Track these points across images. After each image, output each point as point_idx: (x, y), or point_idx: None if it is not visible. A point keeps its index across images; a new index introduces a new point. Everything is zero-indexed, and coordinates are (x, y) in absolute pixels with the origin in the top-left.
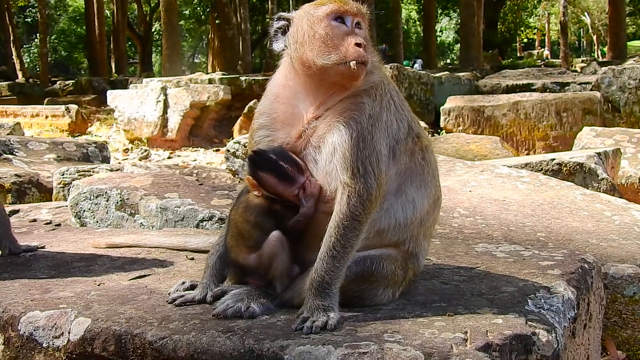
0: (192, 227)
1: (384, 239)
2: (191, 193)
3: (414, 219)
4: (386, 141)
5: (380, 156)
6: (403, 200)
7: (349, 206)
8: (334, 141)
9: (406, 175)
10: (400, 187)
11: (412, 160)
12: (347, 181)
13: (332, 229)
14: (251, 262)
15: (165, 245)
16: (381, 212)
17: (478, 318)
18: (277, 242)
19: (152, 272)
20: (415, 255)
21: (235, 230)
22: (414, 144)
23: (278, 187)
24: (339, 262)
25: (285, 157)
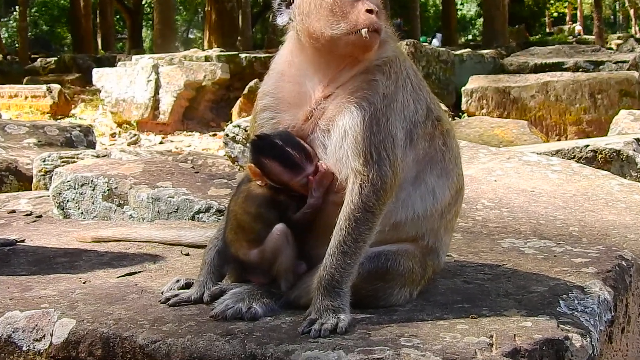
0: (187, 220)
1: (400, 232)
2: (186, 182)
3: (434, 210)
4: (402, 124)
5: (395, 140)
6: (422, 190)
7: (362, 196)
8: (345, 124)
9: (425, 162)
10: (418, 176)
11: (431, 145)
12: (359, 168)
13: (343, 221)
14: (253, 258)
15: (158, 240)
16: (397, 203)
17: (504, 321)
18: (282, 235)
19: (143, 269)
20: (435, 251)
21: (235, 223)
22: (433, 128)
23: (283, 175)
24: (350, 258)
25: (292, 143)
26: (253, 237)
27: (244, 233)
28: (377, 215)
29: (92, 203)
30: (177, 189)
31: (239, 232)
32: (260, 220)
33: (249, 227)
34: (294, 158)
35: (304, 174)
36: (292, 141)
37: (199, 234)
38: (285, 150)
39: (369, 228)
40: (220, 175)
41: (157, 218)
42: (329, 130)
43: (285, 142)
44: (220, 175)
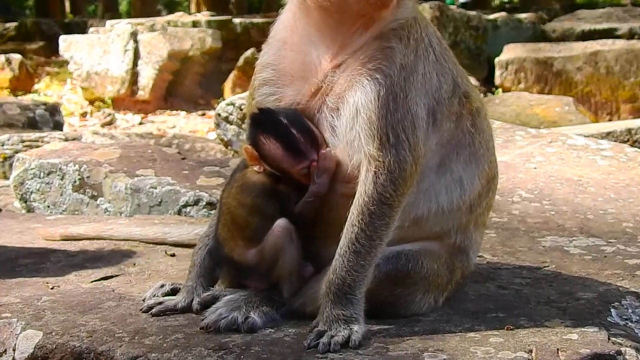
0: (172, 214)
1: (422, 229)
2: (171, 170)
3: (462, 203)
4: (424, 101)
5: (416, 120)
6: (447, 179)
7: (377, 186)
8: (357, 101)
9: (451, 146)
10: (443, 162)
11: (458, 127)
12: (374, 153)
13: (355, 216)
14: (250, 259)
15: (138, 238)
16: (419, 194)
17: (546, 332)
18: (284, 232)
19: (120, 272)
20: (464, 250)
21: (229, 218)
22: (460, 106)
23: (284, 161)
24: (364, 259)
25: (300, 124)
26: (250, 235)
27: (238, 229)
28: (394, 208)
29: (61, 195)
30: (161, 178)
31: (233, 229)
32: (258, 214)
33: (245, 223)
34: (299, 142)
35: (306, 163)
36: (299, 122)
37: (186, 231)
38: (290, 132)
39: (385, 223)
40: (211, 161)
41: (137, 212)
42: (339, 108)
43: (292, 121)
44: (211, 161)
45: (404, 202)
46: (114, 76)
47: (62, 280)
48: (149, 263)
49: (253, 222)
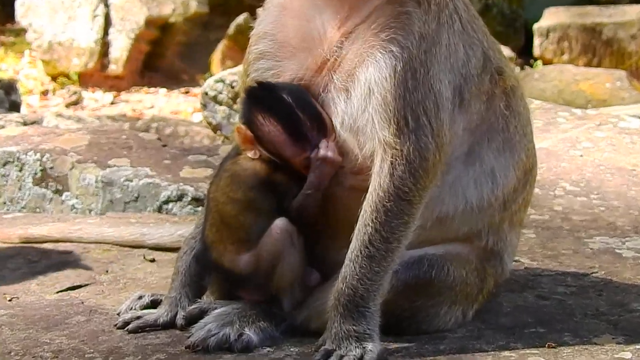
0: (151, 212)
1: (448, 229)
2: (150, 159)
3: (494, 199)
4: (449, 77)
5: (439, 100)
6: (477, 170)
7: (394, 178)
8: (369, 79)
9: (481, 132)
10: (472, 151)
11: (490, 109)
12: (390, 140)
13: (369, 214)
14: (243, 266)
15: (111, 240)
16: (443, 188)
17: (594, 351)
18: (283, 233)
19: (91, 281)
20: (497, 254)
21: (217, 216)
22: (492, 84)
23: (285, 148)
24: (379, 264)
25: (306, 104)
26: (242, 236)
27: (229, 230)
28: (415, 204)
29: (19, 189)
30: (138, 169)
31: (222, 229)
32: (252, 211)
33: (236, 222)
34: (304, 126)
35: (309, 152)
36: (306, 101)
37: (168, 232)
38: (295, 112)
39: (404, 222)
40: (197, 149)
41: (109, 210)
42: (348, 88)
43: (296, 100)
44: (196, 149)
45: (425, 197)
46: (80, 47)
47: (22, 291)
48: (125, 270)
49: (246, 221)
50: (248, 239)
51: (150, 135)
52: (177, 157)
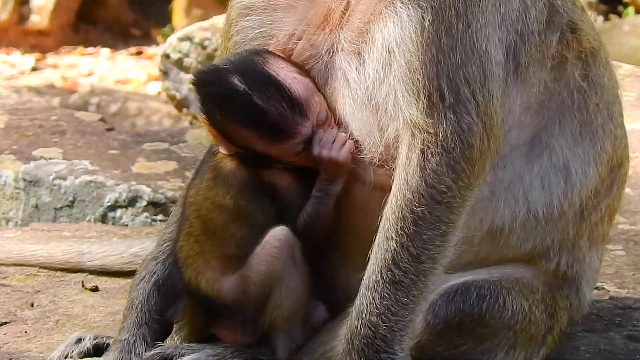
0: (93, 222)
1: (504, 246)
2: (90, 148)
3: (568, 205)
4: (498, 34)
5: (486, 65)
6: (544, 165)
7: (425, 173)
8: (388, 37)
9: (549, 112)
10: (537, 138)
11: (560, 79)
12: (419, 120)
13: (392, 223)
14: (227, 291)
15: (38, 261)
16: (497, 189)
17: None
18: (282, 249)
19: (10, 319)
20: (573, 280)
21: (198, 224)
22: (562, 46)
23: (258, 146)
24: (407, 293)
25: (268, 85)
26: (231, 251)
27: (213, 243)
28: (455, 209)
29: None
30: (73, 163)
31: (204, 241)
32: (243, 221)
33: (223, 232)
34: (275, 115)
35: (298, 138)
36: (267, 81)
37: (116, 251)
38: (254, 103)
39: (441, 234)
40: (155, 134)
41: (34, 219)
42: (360, 50)
43: (254, 83)
44: (154, 134)
45: (470, 199)
46: None
47: None
48: (56, 303)
49: (236, 233)
50: (236, 255)
51: (89, 115)
52: (128, 146)
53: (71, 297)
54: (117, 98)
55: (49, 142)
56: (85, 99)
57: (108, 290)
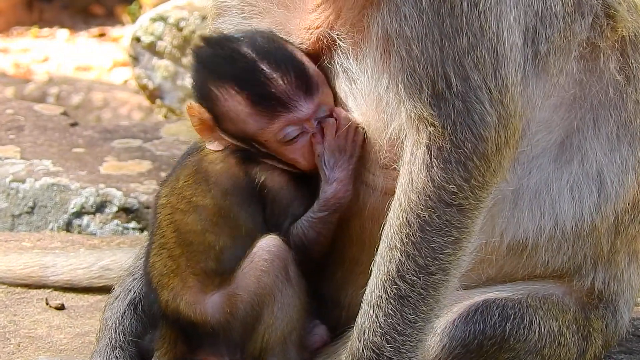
0: (56, 230)
1: (527, 261)
2: (51, 146)
3: (601, 219)
4: (514, 14)
5: (499, 47)
6: (574, 172)
7: (432, 172)
8: (385, 24)
9: (579, 109)
10: (568, 141)
11: (593, 72)
12: (423, 112)
13: (396, 229)
14: (211, 313)
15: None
16: (520, 198)
17: None
18: (273, 262)
19: None
20: (609, 299)
21: (172, 234)
22: (594, 32)
23: (248, 121)
24: (415, 310)
25: (277, 54)
26: (210, 266)
27: (189, 255)
28: (468, 212)
29: None
30: (33, 163)
31: (179, 255)
32: (227, 227)
33: (201, 241)
34: (280, 86)
35: (295, 113)
36: (276, 50)
37: (84, 263)
38: (260, 70)
39: (452, 242)
40: (126, 129)
41: None
42: (357, 42)
43: (262, 50)
44: (124, 129)
45: (486, 201)
46: None
47: None
48: (17, 323)
49: (217, 242)
50: (219, 269)
51: (50, 108)
52: (95, 143)
53: (34, 316)
54: (80, 88)
55: (4, 139)
56: (42, 89)
57: (75, 309)
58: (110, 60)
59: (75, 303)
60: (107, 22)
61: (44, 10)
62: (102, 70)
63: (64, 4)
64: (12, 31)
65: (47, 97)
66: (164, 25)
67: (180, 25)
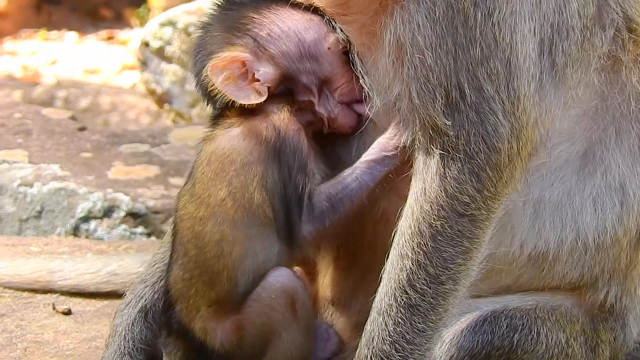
0: (63, 235)
1: (546, 273)
2: (59, 150)
3: (623, 232)
4: (529, 25)
5: (513, 58)
6: (597, 184)
7: (445, 182)
8: (396, 32)
9: (602, 120)
10: (591, 153)
11: (613, 84)
12: (436, 121)
13: (407, 238)
14: (222, 338)
15: (2, 280)
16: (542, 209)
17: None
18: (280, 300)
19: None
20: (620, 313)
21: (195, 254)
22: (616, 46)
23: (309, 31)
24: (424, 319)
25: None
26: (225, 289)
27: (207, 277)
28: (479, 222)
29: None
30: (40, 167)
31: (199, 278)
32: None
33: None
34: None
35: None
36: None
37: (92, 268)
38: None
39: (463, 252)
40: (135, 134)
41: None
42: (370, 46)
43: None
44: (134, 134)
45: (497, 211)
46: None
47: None
48: (24, 328)
49: (231, 252)
50: (232, 292)
51: (58, 112)
52: (103, 148)
53: (41, 321)
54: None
55: (12, 143)
56: (50, 92)
57: (82, 314)
58: (118, 63)
59: (82, 308)
60: (115, 25)
61: (53, 12)
62: (110, 74)
63: (73, 7)
64: (20, 33)
65: (55, 100)
66: (172, 30)
67: (189, 31)
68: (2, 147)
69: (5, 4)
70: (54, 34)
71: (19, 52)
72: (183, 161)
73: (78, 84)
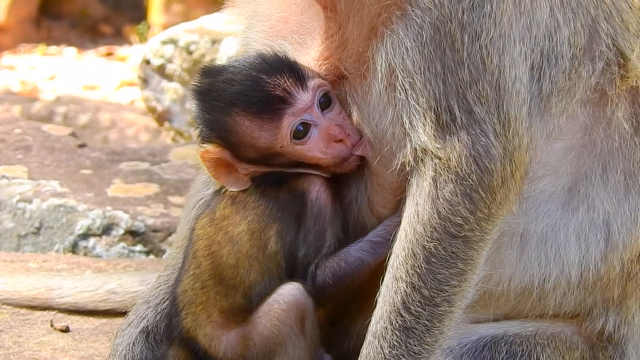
0: (62, 252)
1: (538, 304)
2: (59, 167)
3: (606, 269)
4: (519, 48)
5: (502, 80)
6: (581, 218)
7: (438, 204)
8: (388, 56)
9: (588, 156)
10: (575, 187)
11: (597, 118)
12: (428, 143)
13: (401, 260)
14: (225, 349)
15: (0, 297)
16: (527, 243)
17: None
18: (290, 314)
19: None
20: (618, 342)
21: (209, 266)
22: (603, 79)
23: (262, 135)
24: (420, 341)
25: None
26: (236, 302)
27: (220, 291)
28: (473, 243)
29: None
30: (40, 183)
31: (211, 289)
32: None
33: (234, 277)
34: (273, 84)
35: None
36: (265, 59)
37: (91, 286)
38: (255, 77)
39: (457, 273)
40: (135, 152)
41: None
42: (364, 74)
43: (251, 64)
44: (134, 152)
45: (491, 233)
46: None
47: None
48: (21, 345)
49: (248, 277)
50: (245, 306)
51: (58, 129)
52: (103, 165)
53: (38, 338)
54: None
55: (12, 158)
56: (50, 107)
57: (80, 332)
58: (117, 79)
59: (80, 326)
60: (114, 42)
61: (52, 28)
62: (109, 90)
63: (72, 22)
64: (19, 48)
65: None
66: (174, 48)
67: (190, 49)
68: (2, 162)
69: (5, 18)
70: (53, 49)
71: (17, 66)
72: (183, 180)
73: (77, 100)
